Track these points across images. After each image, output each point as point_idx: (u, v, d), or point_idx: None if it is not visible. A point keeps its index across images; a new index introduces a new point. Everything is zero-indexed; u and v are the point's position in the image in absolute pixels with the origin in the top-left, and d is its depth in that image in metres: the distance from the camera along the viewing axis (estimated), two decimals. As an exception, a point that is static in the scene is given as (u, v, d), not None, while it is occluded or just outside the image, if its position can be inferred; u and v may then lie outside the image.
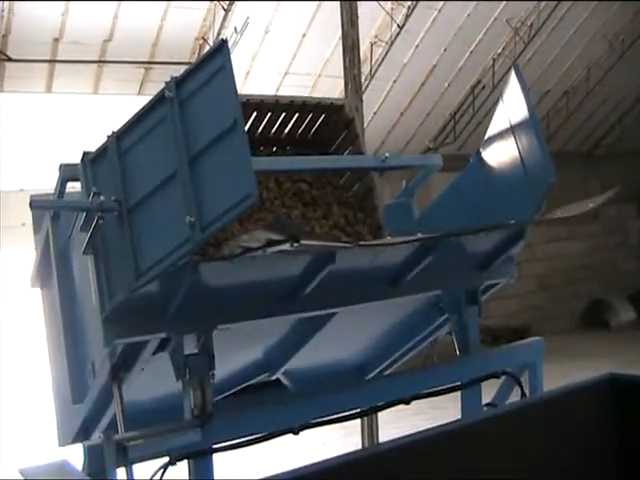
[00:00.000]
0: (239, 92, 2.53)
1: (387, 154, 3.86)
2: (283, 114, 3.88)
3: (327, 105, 4.02)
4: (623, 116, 15.43)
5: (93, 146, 2.73)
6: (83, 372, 3.02)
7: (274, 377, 3.50)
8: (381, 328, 3.83)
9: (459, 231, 3.15)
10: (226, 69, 2.44)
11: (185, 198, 2.45)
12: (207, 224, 2.42)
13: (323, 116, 3.99)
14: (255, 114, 3.79)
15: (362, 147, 4.07)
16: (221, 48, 2.48)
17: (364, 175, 4.00)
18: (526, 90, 3.54)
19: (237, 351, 3.24)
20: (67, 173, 2.95)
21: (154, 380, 2.95)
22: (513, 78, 3.57)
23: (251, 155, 3.64)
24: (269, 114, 3.84)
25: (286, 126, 3.94)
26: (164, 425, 2.79)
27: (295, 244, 2.48)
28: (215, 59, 2.48)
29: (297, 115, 3.93)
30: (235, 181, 2.39)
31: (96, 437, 3.10)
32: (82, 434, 3.18)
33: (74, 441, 3.19)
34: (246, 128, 3.66)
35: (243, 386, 3.48)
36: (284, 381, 3.59)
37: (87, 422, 3.14)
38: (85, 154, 2.71)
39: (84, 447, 2.64)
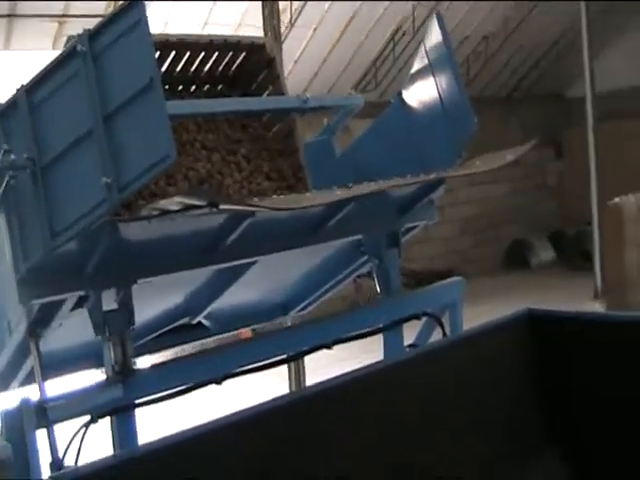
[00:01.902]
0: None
1: (308, 95, 3.83)
2: (203, 53, 3.83)
3: (248, 44, 3.96)
4: (540, 59, 15.60)
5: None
6: None
7: (195, 321, 3.50)
8: (303, 269, 3.86)
9: (378, 187, 3.15)
10: (141, 24, 2.37)
11: (101, 158, 2.40)
12: (124, 185, 2.38)
13: (244, 55, 3.94)
14: (174, 53, 3.72)
15: (283, 87, 4.04)
16: (136, 1, 2.40)
17: (285, 116, 3.98)
18: (447, 38, 3.57)
19: (157, 298, 3.23)
20: None
21: (73, 330, 2.91)
22: (435, 25, 3.58)
23: (169, 95, 3.61)
24: (188, 53, 3.78)
25: (206, 65, 3.88)
26: (84, 385, 2.77)
27: (214, 209, 2.48)
28: (130, 13, 2.40)
29: (217, 54, 3.87)
30: (152, 141, 2.35)
31: (15, 387, 3.10)
32: None
33: None
34: (164, 67, 3.65)
35: (164, 330, 3.48)
36: (205, 322, 3.60)
37: (4, 374, 3.09)
38: None
39: (1, 413, 2.60)
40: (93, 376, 3.17)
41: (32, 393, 2.74)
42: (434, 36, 3.59)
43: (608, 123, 11.73)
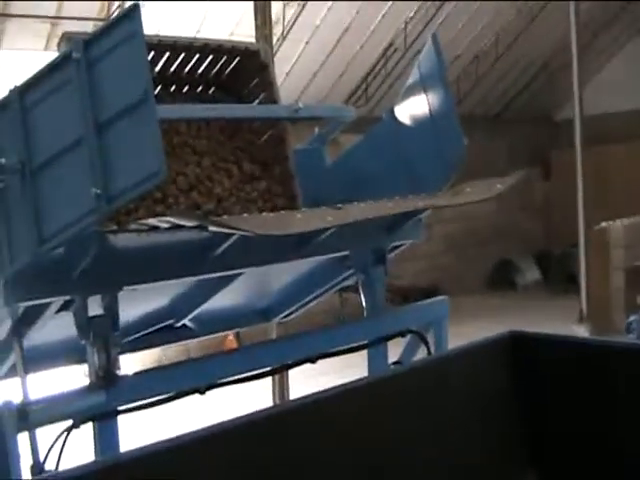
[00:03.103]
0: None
1: (300, 104, 3.84)
2: (197, 56, 3.84)
3: (242, 49, 3.99)
4: (530, 81, 15.73)
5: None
6: None
7: (180, 324, 3.52)
8: (288, 278, 3.89)
9: (368, 214, 3.13)
10: (137, 36, 2.35)
11: (91, 167, 2.38)
12: (113, 197, 2.37)
13: (238, 60, 3.95)
14: (168, 55, 3.73)
15: (276, 94, 4.04)
16: (133, 13, 2.37)
17: (277, 124, 3.99)
18: (442, 60, 3.58)
19: (143, 301, 3.24)
20: None
21: (56, 325, 2.90)
22: (430, 45, 3.60)
23: (161, 95, 3.55)
24: (182, 55, 3.79)
25: (199, 67, 3.90)
26: (67, 389, 2.76)
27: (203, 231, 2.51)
28: (126, 23, 2.37)
29: (211, 57, 3.89)
30: (143, 156, 2.33)
31: None
32: None
33: None
34: (157, 68, 3.68)
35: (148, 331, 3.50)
36: (189, 324, 3.63)
37: None
38: None
39: None
40: (74, 373, 3.15)
41: (13, 389, 2.73)
42: (429, 55, 3.61)
43: (596, 146, 11.85)
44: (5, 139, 2.54)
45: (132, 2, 2.41)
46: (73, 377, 3.10)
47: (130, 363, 3.42)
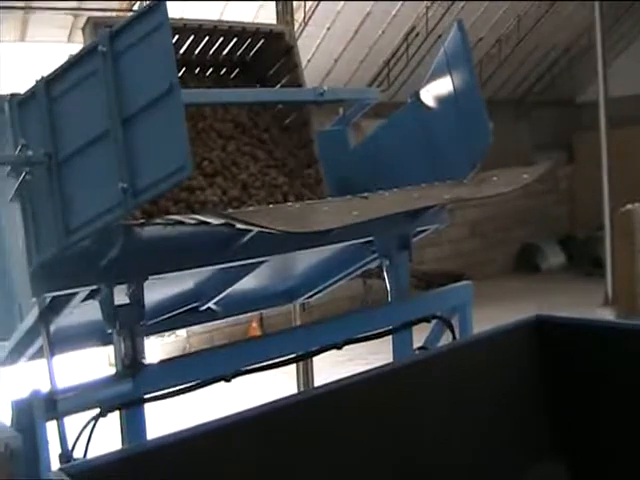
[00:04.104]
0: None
1: (325, 87, 3.81)
2: (221, 38, 3.85)
3: (266, 31, 3.98)
4: (553, 64, 15.59)
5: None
6: (9, 310, 2.97)
7: (204, 307, 3.54)
8: (312, 261, 3.88)
9: (395, 208, 3.10)
10: (163, 29, 2.33)
11: (118, 161, 2.37)
12: (140, 191, 2.36)
13: (262, 42, 3.95)
14: (193, 37, 3.74)
15: (301, 77, 4.02)
16: (158, 6, 2.35)
17: (300, 107, 3.98)
18: (467, 47, 3.55)
19: (167, 286, 3.25)
20: None
21: (82, 308, 2.92)
22: (456, 30, 3.57)
23: (185, 78, 3.60)
24: (207, 38, 3.79)
25: (223, 50, 3.90)
26: (94, 378, 2.79)
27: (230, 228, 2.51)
28: (152, 16, 2.36)
29: (235, 40, 3.89)
30: (169, 151, 2.31)
31: (23, 361, 3.15)
32: (8, 363, 3.19)
33: None
34: (182, 50, 3.69)
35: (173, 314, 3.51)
36: (213, 306, 3.64)
37: (13, 352, 3.12)
38: (12, 95, 2.61)
39: (12, 403, 2.62)
40: (96, 355, 3.15)
41: (39, 372, 2.76)
42: (454, 41, 3.58)
43: (619, 129, 11.73)
44: (31, 130, 2.55)
45: None
46: (94, 360, 3.10)
47: (156, 352, 3.45)
